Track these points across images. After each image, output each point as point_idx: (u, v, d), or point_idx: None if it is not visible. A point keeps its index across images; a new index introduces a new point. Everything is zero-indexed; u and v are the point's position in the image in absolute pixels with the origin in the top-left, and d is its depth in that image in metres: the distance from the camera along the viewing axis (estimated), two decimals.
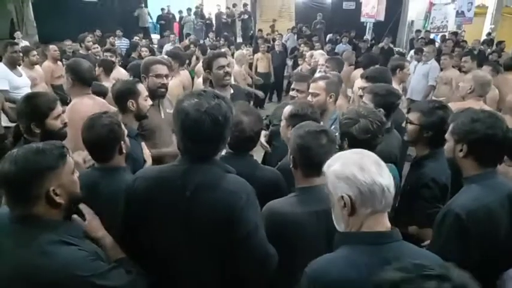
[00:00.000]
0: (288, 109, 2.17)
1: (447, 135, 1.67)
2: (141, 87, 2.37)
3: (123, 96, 2.30)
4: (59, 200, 1.26)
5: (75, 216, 1.47)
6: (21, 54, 4.24)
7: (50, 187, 1.24)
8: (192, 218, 1.36)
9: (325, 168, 1.21)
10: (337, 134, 1.94)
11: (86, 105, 2.54)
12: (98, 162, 1.80)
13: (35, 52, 4.90)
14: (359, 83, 3.03)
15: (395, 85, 3.29)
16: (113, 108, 2.70)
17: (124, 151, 1.79)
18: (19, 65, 4.29)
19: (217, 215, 1.34)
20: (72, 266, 1.20)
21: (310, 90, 2.65)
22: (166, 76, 2.73)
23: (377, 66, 3.88)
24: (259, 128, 1.88)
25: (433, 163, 2.00)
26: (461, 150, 1.60)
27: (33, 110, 1.97)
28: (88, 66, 2.75)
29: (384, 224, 1.16)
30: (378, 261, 1.07)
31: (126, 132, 1.86)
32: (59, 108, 2.03)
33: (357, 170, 1.12)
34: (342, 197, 1.14)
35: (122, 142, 1.78)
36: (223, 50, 7.15)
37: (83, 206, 1.52)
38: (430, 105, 2.08)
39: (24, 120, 2.00)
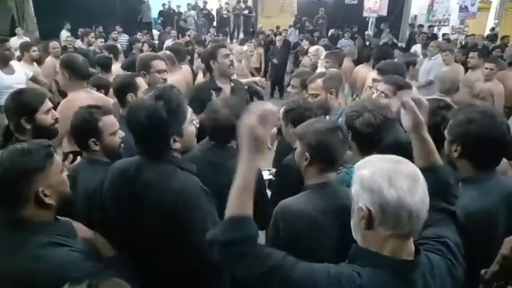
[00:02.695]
0: (281, 110, 2.17)
1: (445, 133, 1.62)
2: (141, 81, 2.39)
3: (123, 89, 2.33)
4: (49, 201, 1.23)
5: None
6: (13, 52, 4.17)
7: (39, 188, 1.21)
8: (146, 215, 1.44)
9: (355, 169, 1.07)
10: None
11: (80, 99, 2.51)
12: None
13: (35, 48, 4.87)
14: (372, 74, 3.00)
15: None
16: (110, 101, 2.69)
17: (94, 149, 1.77)
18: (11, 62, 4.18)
19: (164, 214, 1.40)
20: (67, 268, 1.18)
21: (309, 92, 2.61)
22: (166, 71, 2.76)
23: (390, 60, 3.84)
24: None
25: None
26: (455, 151, 1.54)
27: (22, 105, 1.95)
28: (82, 60, 2.74)
29: (409, 250, 1.02)
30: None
31: (107, 130, 1.80)
32: (48, 103, 2.01)
33: (385, 184, 0.96)
34: (362, 208, 1.00)
35: (94, 139, 1.76)
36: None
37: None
38: (434, 105, 1.98)
39: (13, 116, 1.96)
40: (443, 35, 10.46)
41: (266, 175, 2.47)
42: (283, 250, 1.43)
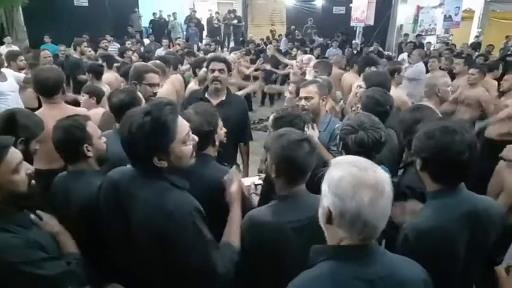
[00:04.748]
0: (270, 118, 2.18)
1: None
2: (141, 95, 2.37)
3: (125, 106, 2.14)
4: None
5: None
6: (4, 59, 4.18)
7: None
8: (135, 231, 1.41)
9: (331, 165, 1.10)
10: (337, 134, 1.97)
11: (44, 116, 2.39)
12: (66, 163, 1.81)
13: (22, 57, 4.87)
14: (358, 81, 3.10)
15: (393, 88, 3.33)
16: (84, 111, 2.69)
17: (89, 155, 1.75)
18: (3, 70, 4.18)
19: (148, 232, 1.37)
20: (3, 252, 1.26)
21: (302, 95, 2.65)
22: (158, 85, 2.74)
23: (374, 69, 3.95)
24: (208, 130, 1.84)
25: (412, 170, 1.92)
26: (418, 164, 1.52)
27: (28, 127, 1.98)
28: (46, 77, 2.68)
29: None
30: (362, 278, 1.04)
31: (96, 135, 1.80)
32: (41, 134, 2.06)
33: (348, 193, 1.00)
34: (324, 206, 1.07)
35: (86, 145, 1.74)
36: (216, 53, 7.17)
37: (39, 212, 1.56)
38: (407, 109, 2.13)
39: (11, 132, 1.90)
40: (426, 43, 10.74)
41: (256, 180, 2.52)
42: (248, 260, 1.48)
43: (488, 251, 1.55)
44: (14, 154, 1.37)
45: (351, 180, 1.01)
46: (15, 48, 7.50)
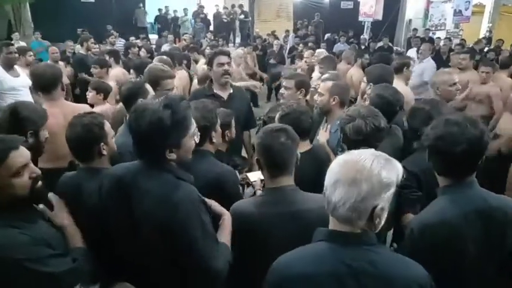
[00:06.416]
0: (277, 116, 2.15)
1: None
2: (149, 87, 2.39)
3: (133, 95, 2.24)
4: None
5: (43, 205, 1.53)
6: (16, 55, 4.15)
7: None
8: (141, 224, 1.41)
9: None
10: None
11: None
12: (79, 161, 1.79)
13: (31, 52, 4.89)
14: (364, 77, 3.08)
15: (402, 84, 3.27)
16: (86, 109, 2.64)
17: (104, 153, 1.74)
18: (15, 66, 4.22)
19: (155, 225, 1.38)
20: (5, 248, 1.24)
21: (318, 89, 2.68)
22: (172, 89, 2.74)
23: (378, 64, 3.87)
24: (203, 125, 1.83)
25: (414, 156, 2.02)
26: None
27: (30, 118, 1.99)
28: (42, 72, 2.62)
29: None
30: (346, 263, 1.08)
31: (110, 134, 1.81)
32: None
33: (328, 173, 1.12)
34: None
35: (103, 144, 1.73)
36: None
37: (52, 197, 1.57)
38: (413, 107, 2.18)
39: (19, 126, 1.95)
40: (436, 38, 10.61)
41: (262, 176, 2.50)
42: (237, 249, 1.50)
43: (508, 251, 1.50)
44: (18, 158, 1.33)
45: (339, 163, 1.11)
46: (23, 44, 7.53)
